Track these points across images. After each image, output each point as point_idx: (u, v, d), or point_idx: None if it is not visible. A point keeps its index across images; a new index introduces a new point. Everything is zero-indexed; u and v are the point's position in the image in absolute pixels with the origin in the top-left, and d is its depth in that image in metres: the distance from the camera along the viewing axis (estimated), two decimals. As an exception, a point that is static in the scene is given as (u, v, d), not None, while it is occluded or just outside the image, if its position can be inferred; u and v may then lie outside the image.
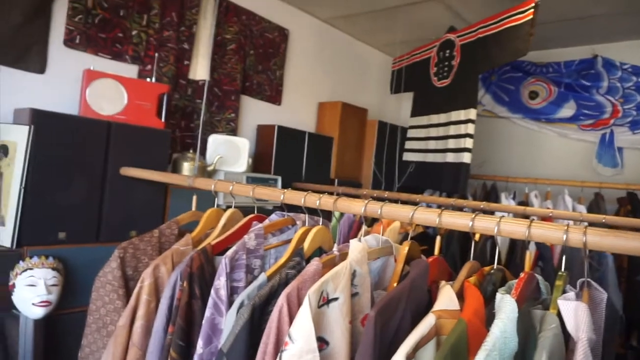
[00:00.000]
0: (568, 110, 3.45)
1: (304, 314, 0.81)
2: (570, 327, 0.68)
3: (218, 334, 1.04)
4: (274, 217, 1.27)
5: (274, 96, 3.15)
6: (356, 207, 1.06)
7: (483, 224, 0.85)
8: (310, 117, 3.49)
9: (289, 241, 1.20)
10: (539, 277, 0.87)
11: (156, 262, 1.23)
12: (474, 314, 0.74)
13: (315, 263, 0.98)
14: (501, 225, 0.83)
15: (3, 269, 1.61)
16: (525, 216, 2.28)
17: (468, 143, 2.69)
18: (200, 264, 1.13)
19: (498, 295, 0.76)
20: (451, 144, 2.82)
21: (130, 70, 2.31)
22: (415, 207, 0.96)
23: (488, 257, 1.64)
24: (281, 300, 0.89)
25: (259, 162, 2.98)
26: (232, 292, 1.07)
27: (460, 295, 0.83)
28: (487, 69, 3.22)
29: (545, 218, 2.35)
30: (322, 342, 0.85)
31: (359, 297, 0.93)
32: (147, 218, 2.01)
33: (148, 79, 2.10)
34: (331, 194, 2.94)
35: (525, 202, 2.99)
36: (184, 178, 1.56)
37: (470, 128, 2.69)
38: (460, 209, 2.54)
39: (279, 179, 2.73)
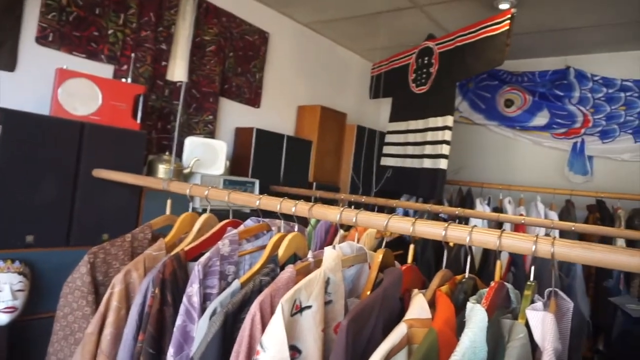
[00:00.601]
0: (542, 118, 3.54)
1: (277, 322, 0.80)
2: (537, 337, 0.69)
3: (190, 342, 1.03)
4: (249, 222, 1.26)
5: (253, 99, 3.13)
6: (332, 214, 1.06)
7: (455, 234, 0.86)
8: (290, 121, 3.49)
9: (264, 247, 1.19)
10: (509, 286, 0.89)
11: (127, 267, 1.21)
12: (445, 323, 0.74)
13: (289, 270, 0.97)
14: (473, 235, 0.84)
15: (-34, 273, 1.55)
16: (499, 223, 2.32)
17: (445, 149, 2.73)
18: (173, 270, 1.11)
19: (469, 305, 0.77)
20: (428, 149, 2.86)
21: (105, 70, 2.27)
22: (390, 215, 0.97)
23: (462, 264, 1.66)
24: (254, 308, 0.88)
25: (237, 165, 2.96)
26: (205, 299, 1.05)
27: (433, 304, 0.84)
28: (464, 78, 3.28)
29: (517, 225, 2.41)
30: (294, 351, 0.85)
31: (332, 305, 0.93)
32: (120, 221, 1.97)
33: (124, 80, 2.06)
34: (309, 198, 2.94)
35: (499, 208, 3.05)
36: (159, 181, 1.53)
37: (447, 135, 2.73)
38: (436, 214, 2.57)
39: (257, 182, 2.71)
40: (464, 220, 2.61)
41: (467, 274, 0.90)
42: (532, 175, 3.59)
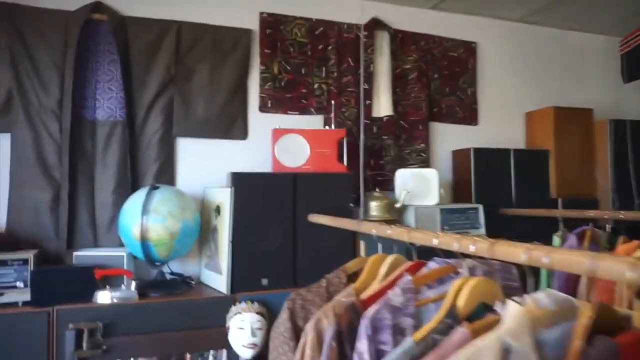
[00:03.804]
0: None
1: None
2: None
3: (367, 403, 0.93)
4: (432, 264, 1.10)
5: (469, 117, 2.88)
6: (516, 253, 0.81)
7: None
8: (517, 132, 3.05)
9: (450, 294, 1.01)
10: None
11: (318, 315, 1.21)
12: None
13: (461, 330, 0.78)
14: None
15: (221, 312, 1.86)
16: None
17: None
18: (349, 320, 1.05)
19: None
20: None
21: (316, 121, 2.48)
22: (599, 254, 0.67)
23: None
24: (412, 380, 0.73)
25: (458, 191, 2.75)
26: (379, 355, 0.94)
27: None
28: None
29: None
30: None
31: (519, 383, 0.68)
32: (338, 263, 2.02)
33: (327, 127, 2.20)
34: (551, 219, 2.46)
35: None
36: (353, 223, 1.52)
37: None
38: None
39: (480, 207, 2.43)
40: None
41: None
42: None
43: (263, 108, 2.38)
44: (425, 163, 2.70)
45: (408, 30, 2.71)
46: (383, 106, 2.61)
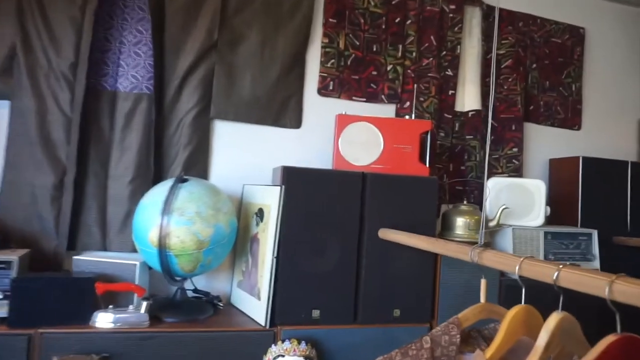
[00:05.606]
0: None
1: None
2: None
3: None
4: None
5: (571, 119, 2.32)
6: None
7: None
8: (628, 141, 2.46)
9: None
10: None
11: (430, 406, 0.71)
12: None
13: None
14: None
15: (257, 350, 1.39)
16: None
17: None
18: None
19: None
20: None
21: (387, 111, 1.99)
22: None
23: None
24: None
25: (556, 210, 2.18)
26: None
27: None
28: None
29: None
30: None
31: None
32: (412, 294, 1.55)
33: (407, 117, 1.70)
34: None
35: None
36: (465, 250, 1.01)
37: None
38: None
39: (594, 233, 1.87)
40: None
41: None
42: None
43: (322, 90, 1.91)
44: (517, 172, 2.16)
45: (504, 8, 2.19)
46: (469, 98, 2.09)
